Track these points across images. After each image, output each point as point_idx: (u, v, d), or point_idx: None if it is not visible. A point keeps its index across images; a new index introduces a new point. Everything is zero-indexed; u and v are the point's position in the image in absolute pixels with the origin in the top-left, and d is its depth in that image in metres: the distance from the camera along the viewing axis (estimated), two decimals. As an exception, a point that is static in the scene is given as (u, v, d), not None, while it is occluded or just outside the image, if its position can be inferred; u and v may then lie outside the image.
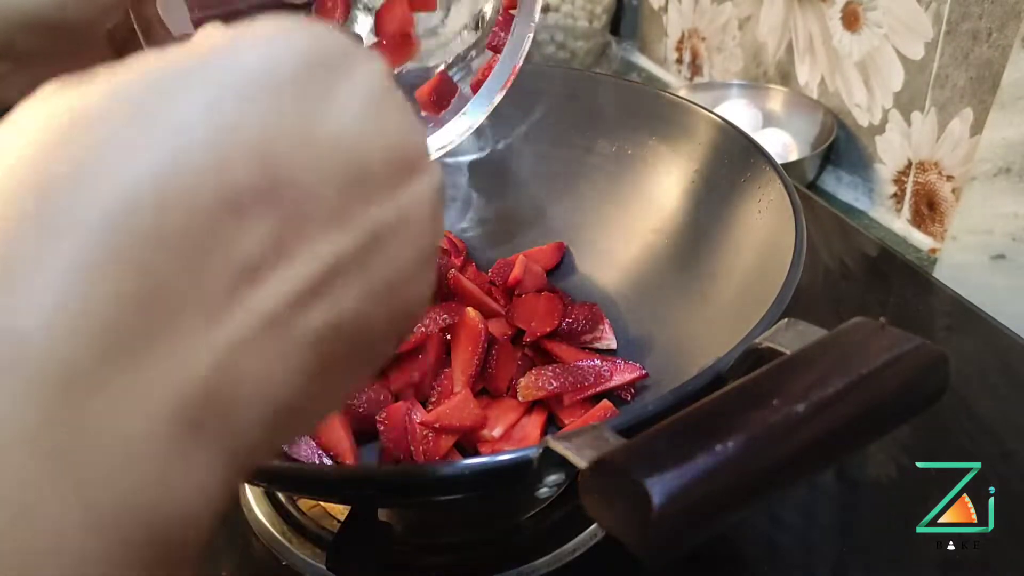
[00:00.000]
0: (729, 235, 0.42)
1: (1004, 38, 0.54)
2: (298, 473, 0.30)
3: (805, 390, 0.21)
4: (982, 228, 0.56)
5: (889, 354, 0.22)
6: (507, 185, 0.53)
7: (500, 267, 0.49)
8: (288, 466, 0.32)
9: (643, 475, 0.18)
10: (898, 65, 0.63)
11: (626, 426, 0.24)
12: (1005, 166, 0.53)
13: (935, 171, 0.62)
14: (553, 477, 0.24)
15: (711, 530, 0.19)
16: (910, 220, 0.66)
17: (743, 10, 0.81)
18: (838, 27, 0.68)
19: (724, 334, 0.33)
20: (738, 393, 0.22)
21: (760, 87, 0.79)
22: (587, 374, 0.41)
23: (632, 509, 0.18)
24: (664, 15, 0.94)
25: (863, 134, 0.69)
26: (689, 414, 0.21)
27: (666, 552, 0.18)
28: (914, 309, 0.55)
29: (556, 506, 0.39)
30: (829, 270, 0.58)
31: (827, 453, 0.21)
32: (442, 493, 0.28)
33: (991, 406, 0.46)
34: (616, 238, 0.50)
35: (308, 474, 0.30)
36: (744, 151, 0.43)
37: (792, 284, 0.32)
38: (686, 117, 0.47)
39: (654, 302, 0.46)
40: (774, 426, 0.20)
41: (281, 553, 0.38)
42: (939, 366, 0.22)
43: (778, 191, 0.39)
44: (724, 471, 0.19)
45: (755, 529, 0.40)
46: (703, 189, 0.45)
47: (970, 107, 0.58)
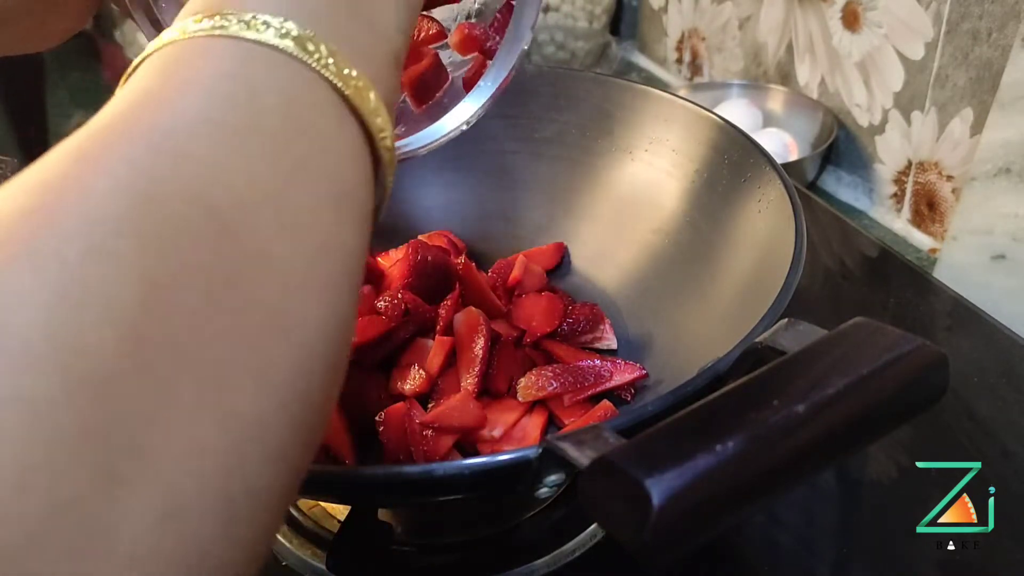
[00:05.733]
0: (729, 235, 0.42)
1: (1004, 38, 0.54)
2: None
3: (805, 390, 0.21)
4: (982, 228, 0.56)
5: (889, 354, 0.22)
6: (507, 185, 0.53)
7: (500, 267, 0.49)
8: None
9: (643, 475, 0.18)
10: (898, 65, 0.63)
11: (626, 426, 0.24)
12: (1005, 166, 0.53)
13: (935, 171, 0.62)
14: (553, 477, 0.24)
15: (711, 531, 0.19)
16: (910, 220, 0.66)
17: (743, 10, 0.81)
18: (838, 27, 0.68)
19: (724, 334, 0.33)
20: (738, 393, 0.22)
21: (760, 87, 0.79)
22: (587, 374, 0.41)
23: (632, 509, 0.18)
24: (664, 15, 0.94)
25: (863, 134, 0.69)
26: (689, 414, 0.21)
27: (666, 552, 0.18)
28: (914, 309, 0.55)
29: (556, 506, 0.39)
30: (829, 270, 0.58)
31: (827, 453, 0.21)
32: (442, 493, 0.28)
33: (991, 406, 0.46)
34: (616, 238, 0.50)
35: (308, 474, 0.30)
36: (744, 151, 0.43)
37: (792, 284, 0.32)
38: (686, 117, 0.47)
39: (654, 302, 0.46)
40: (774, 426, 0.20)
41: (281, 553, 0.38)
42: (939, 367, 0.22)
43: (778, 191, 0.39)
44: (724, 471, 0.19)
45: (755, 529, 0.40)
46: (703, 189, 0.45)
47: (970, 107, 0.58)
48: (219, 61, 0.19)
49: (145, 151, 0.16)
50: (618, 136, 0.50)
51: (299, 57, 0.19)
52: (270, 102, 0.18)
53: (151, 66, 0.19)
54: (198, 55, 0.19)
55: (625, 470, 0.19)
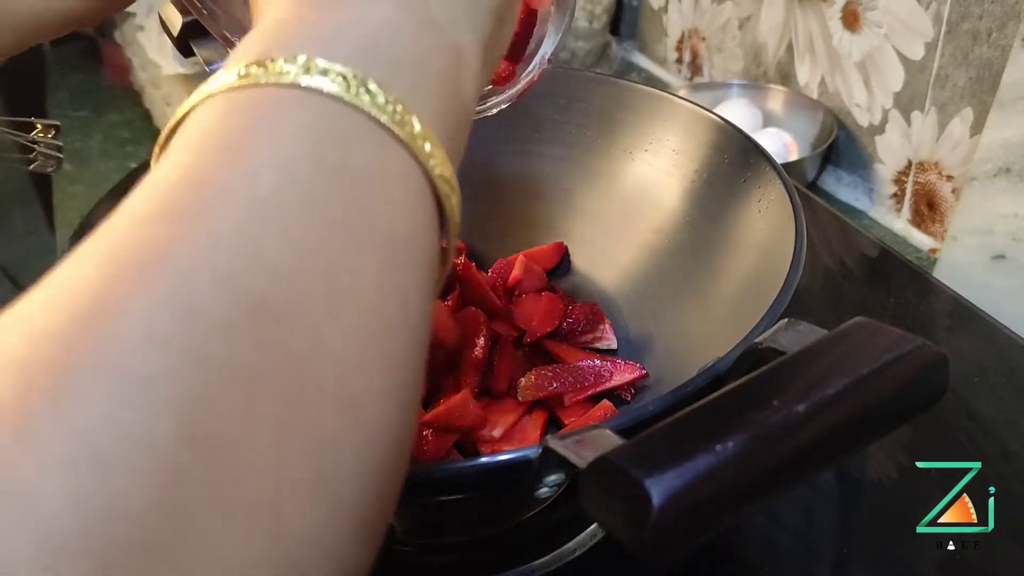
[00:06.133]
0: (729, 235, 0.42)
1: (1004, 38, 0.54)
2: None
3: (805, 390, 0.21)
4: (982, 228, 0.55)
5: (889, 354, 0.22)
6: (507, 185, 0.53)
7: (500, 267, 0.49)
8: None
9: (643, 475, 0.18)
10: (898, 65, 0.63)
11: (626, 426, 0.24)
12: (1005, 166, 0.53)
13: (935, 171, 0.62)
14: (553, 477, 0.24)
15: (711, 531, 0.19)
16: (910, 220, 0.66)
17: (743, 10, 0.81)
18: (838, 27, 0.68)
19: (724, 334, 0.33)
20: (738, 393, 0.22)
21: (760, 87, 0.79)
22: (587, 374, 0.41)
23: (632, 509, 0.18)
24: (664, 15, 0.94)
25: (863, 134, 0.69)
26: (689, 414, 0.21)
27: (666, 553, 0.18)
28: (914, 309, 0.55)
29: (556, 506, 0.39)
30: (829, 270, 0.58)
31: (827, 454, 0.21)
32: (442, 493, 0.28)
33: (991, 406, 0.46)
34: (616, 238, 0.50)
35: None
36: (744, 151, 0.43)
37: (792, 284, 0.32)
38: (686, 117, 0.47)
39: (654, 302, 0.46)
40: (774, 426, 0.20)
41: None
42: (939, 367, 0.22)
43: (778, 191, 0.39)
44: (724, 471, 0.19)
45: (755, 528, 0.40)
46: (703, 189, 0.45)
47: (970, 107, 0.58)
48: (262, 120, 0.17)
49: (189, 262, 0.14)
50: (618, 136, 0.50)
51: (353, 103, 0.17)
52: (324, 160, 0.17)
53: (189, 132, 0.17)
54: (240, 113, 0.17)
55: (625, 470, 0.18)
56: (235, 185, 0.16)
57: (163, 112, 0.82)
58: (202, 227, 0.15)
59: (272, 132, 0.17)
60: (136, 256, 0.14)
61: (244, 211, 0.15)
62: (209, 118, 0.17)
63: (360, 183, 0.17)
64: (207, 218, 0.15)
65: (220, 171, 0.16)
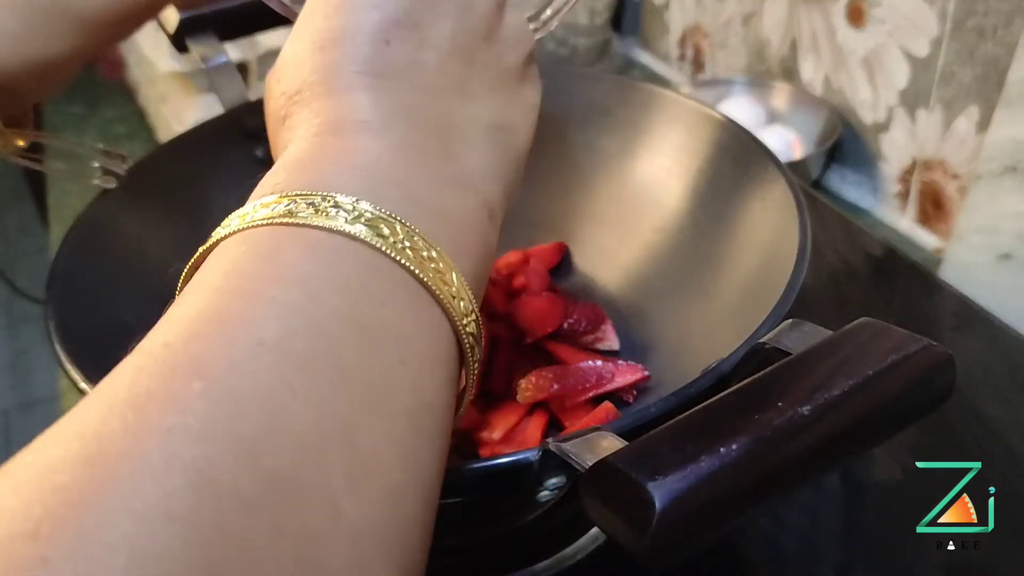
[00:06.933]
0: (732, 234, 0.42)
1: (1010, 35, 0.54)
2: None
3: (810, 391, 0.21)
4: (988, 227, 0.55)
5: (895, 355, 0.22)
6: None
7: (500, 267, 0.49)
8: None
9: (645, 478, 0.18)
10: (903, 62, 0.62)
11: (628, 428, 0.24)
12: (1011, 164, 0.53)
13: (940, 169, 0.62)
14: (554, 480, 0.24)
15: (714, 534, 0.19)
16: (915, 219, 0.66)
17: (746, 6, 0.80)
18: (842, 23, 0.68)
19: (727, 335, 0.33)
20: (742, 395, 0.21)
21: (763, 84, 0.79)
22: (588, 376, 0.41)
23: (634, 513, 0.18)
24: (666, 11, 0.93)
25: (868, 132, 0.68)
26: (692, 416, 0.21)
27: (669, 556, 0.18)
28: (919, 309, 0.54)
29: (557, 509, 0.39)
30: (834, 270, 0.58)
31: (833, 455, 0.21)
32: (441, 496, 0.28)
33: (997, 406, 0.45)
34: (617, 237, 0.49)
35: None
36: (747, 149, 0.42)
37: (796, 284, 0.32)
38: (688, 114, 0.47)
39: (656, 302, 0.46)
40: (779, 428, 0.20)
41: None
42: (945, 367, 0.22)
43: (782, 189, 0.38)
44: (728, 474, 0.18)
45: (757, 529, 0.39)
46: (706, 188, 0.45)
47: (976, 105, 0.57)
48: (277, 265, 0.17)
49: (185, 432, 0.14)
50: (620, 134, 0.49)
51: (371, 243, 0.17)
52: (359, 320, 0.16)
53: (202, 279, 0.17)
54: (257, 257, 0.17)
55: (627, 473, 0.18)
56: (266, 337, 0.15)
57: (157, 109, 0.82)
58: (230, 382, 0.14)
59: (308, 283, 0.16)
60: (135, 426, 0.14)
61: (272, 371, 0.15)
62: (244, 255, 0.17)
63: (391, 344, 0.17)
64: (235, 372, 0.14)
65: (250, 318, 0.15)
